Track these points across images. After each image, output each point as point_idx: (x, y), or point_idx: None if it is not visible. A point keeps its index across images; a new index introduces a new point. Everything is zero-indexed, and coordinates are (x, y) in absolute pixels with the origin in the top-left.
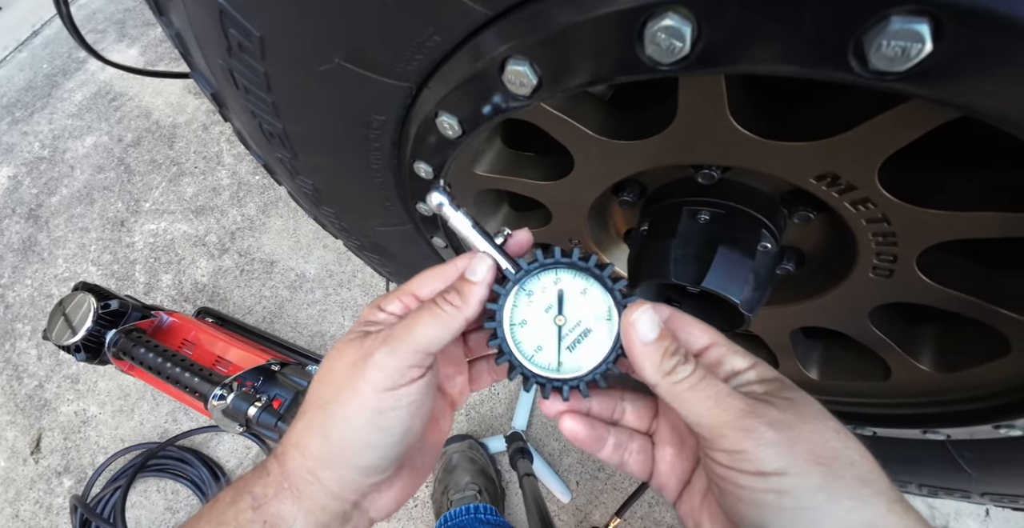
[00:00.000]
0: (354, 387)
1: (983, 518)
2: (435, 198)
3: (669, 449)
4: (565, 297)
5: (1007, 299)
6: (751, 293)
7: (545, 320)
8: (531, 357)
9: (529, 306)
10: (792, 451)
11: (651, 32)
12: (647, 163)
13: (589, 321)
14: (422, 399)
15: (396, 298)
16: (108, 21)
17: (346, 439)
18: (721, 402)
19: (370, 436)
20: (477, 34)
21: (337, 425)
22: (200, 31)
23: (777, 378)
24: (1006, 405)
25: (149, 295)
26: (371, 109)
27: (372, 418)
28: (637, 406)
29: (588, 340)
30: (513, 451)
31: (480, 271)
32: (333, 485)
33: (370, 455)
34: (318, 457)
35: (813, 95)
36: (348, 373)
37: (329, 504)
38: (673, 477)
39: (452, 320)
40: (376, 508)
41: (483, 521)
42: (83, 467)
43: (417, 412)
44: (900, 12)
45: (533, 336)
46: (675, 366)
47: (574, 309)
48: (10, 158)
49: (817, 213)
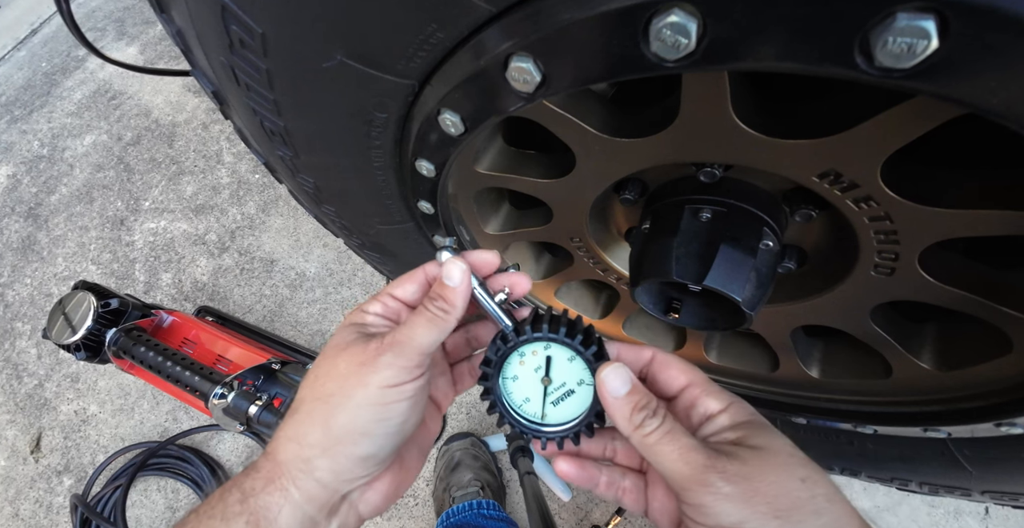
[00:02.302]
0: (363, 381)
1: (983, 516)
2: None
3: (660, 488)
4: (553, 362)
5: (1008, 297)
6: (753, 291)
7: (534, 378)
8: (519, 406)
9: (521, 366)
10: (749, 505)
11: (656, 29)
12: (649, 161)
13: (572, 384)
14: (420, 394)
15: (376, 300)
16: (107, 19)
17: (348, 428)
18: (684, 456)
19: (371, 426)
20: (480, 31)
21: (341, 415)
22: (201, 28)
23: (750, 421)
24: (1007, 403)
25: (149, 294)
26: (373, 107)
27: (376, 409)
28: (627, 446)
29: (571, 399)
30: (514, 450)
31: (456, 276)
32: (326, 475)
33: (368, 444)
34: (316, 446)
35: (815, 92)
36: (355, 370)
37: (318, 495)
38: (664, 515)
39: (444, 323)
40: (365, 503)
41: (486, 517)
42: (83, 466)
43: (415, 406)
44: (906, 9)
45: (522, 390)
46: (643, 419)
47: (559, 373)
48: (9, 157)
49: (819, 211)
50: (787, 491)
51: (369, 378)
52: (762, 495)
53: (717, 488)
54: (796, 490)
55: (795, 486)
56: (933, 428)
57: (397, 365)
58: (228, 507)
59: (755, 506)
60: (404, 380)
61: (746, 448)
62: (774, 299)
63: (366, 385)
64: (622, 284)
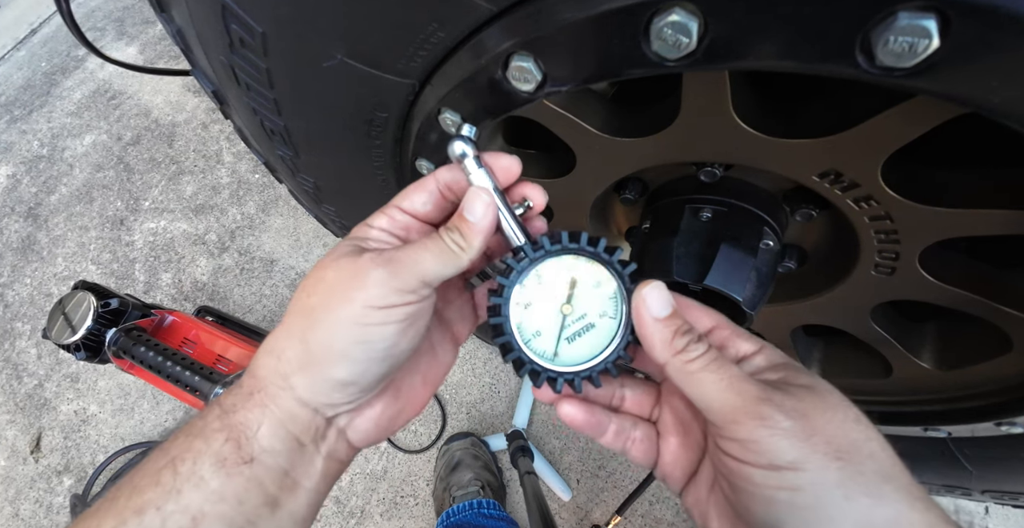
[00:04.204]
0: (346, 296)
1: (983, 516)
2: (458, 148)
3: (673, 439)
4: (577, 286)
5: (1009, 296)
6: (753, 291)
7: (551, 306)
8: (528, 341)
9: (538, 289)
10: (808, 443)
11: (657, 28)
12: (649, 161)
13: (594, 316)
14: (413, 320)
15: (382, 213)
16: (107, 19)
17: (325, 346)
18: (735, 386)
19: (350, 347)
20: (481, 30)
21: (319, 330)
22: (202, 27)
23: (788, 363)
24: (1007, 402)
25: (149, 294)
26: (373, 106)
27: (356, 329)
28: (636, 393)
29: (589, 335)
30: (514, 449)
31: (477, 210)
32: (304, 393)
33: (347, 367)
34: (293, 361)
35: (816, 92)
36: (343, 283)
37: (299, 414)
38: (678, 468)
39: (457, 259)
40: (355, 430)
41: (486, 516)
42: (83, 466)
43: (405, 331)
44: (908, 8)
45: (535, 320)
46: (687, 344)
47: (582, 300)
48: (9, 157)
49: (819, 211)
50: (845, 431)
51: (354, 294)
52: (821, 433)
53: (775, 422)
54: (852, 430)
55: (851, 426)
56: (933, 427)
57: (389, 285)
58: (208, 424)
59: (815, 445)
60: (394, 303)
61: (794, 386)
62: (774, 299)
63: (350, 301)
64: None
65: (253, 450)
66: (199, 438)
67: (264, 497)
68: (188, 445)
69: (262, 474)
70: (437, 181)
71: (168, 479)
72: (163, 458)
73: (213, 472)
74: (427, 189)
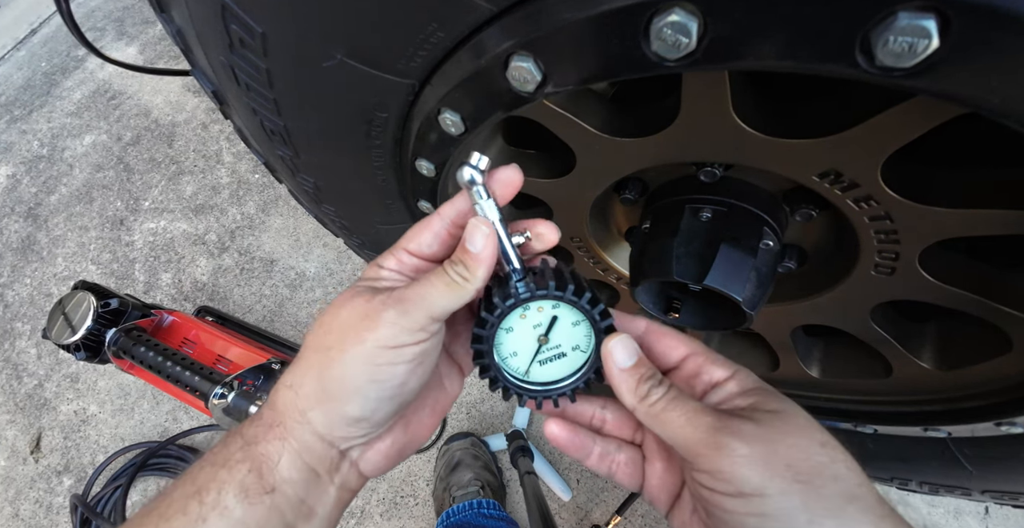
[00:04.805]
0: (360, 337)
1: (983, 516)
2: (467, 174)
3: (658, 463)
4: (557, 323)
5: (1009, 296)
6: (753, 291)
7: (530, 334)
8: (504, 359)
9: (521, 319)
10: (769, 468)
11: (657, 28)
12: (649, 161)
13: (567, 347)
14: (422, 358)
15: (391, 255)
16: (107, 19)
17: (340, 383)
18: (693, 420)
19: (363, 385)
20: (481, 30)
21: (334, 368)
22: (201, 27)
23: (759, 388)
24: (1007, 402)
25: (149, 294)
26: (373, 106)
27: (369, 368)
28: (618, 416)
29: (559, 361)
30: (514, 449)
31: (478, 242)
32: (320, 427)
33: (360, 404)
34: (310, 397)
35: (816, 92)
36: (356, 323)
37: (315, 446)
38: (663, 491)
39: (463, 291)
40: (367, 462)
41: (486, 516)
42: (83, 466)
43: (415, 370)
44: (907, 8)
45: (513, 343)
46: (649, 389)
47: (559, 335)
48: (9, 157)
49: (819, 211)
50: (808, 455)
51: (367, 334)
52: (782, 458)
53: (732, 450)
54: (816, 454)
55: (816, 450)
56: (933, 427)
57: (400, 325)
58: (231, 455)
59: (775, 470)
60: (405, 342)
61: (761, 411)
62: (774, 298)
63: (363, 341)
64: (622, 284)
65: (274, 480)
66: (224, 468)
67: (283, 525)
68: (213, 475)
69: (282, 503)
70: (441, 219)
71: (195, 508)
72: (190, 487)
73: (237, 501)
74: (432, 229)
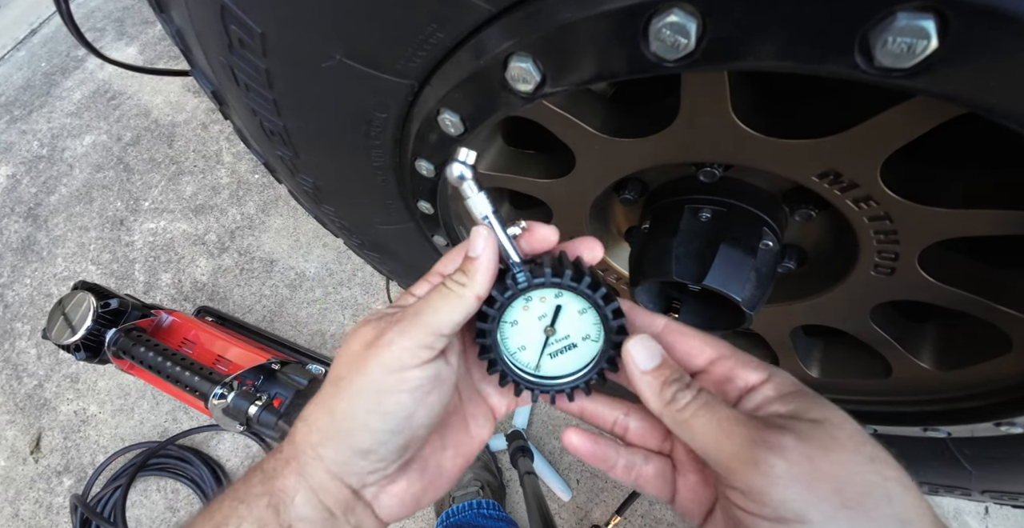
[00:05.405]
0: (364, 366)
1: (982, 516)
2: (457, 170)
3: (691, 476)
4: (562, 312)
5: (1008, 296)
6: (753, 291)
7: (535, 326)
8: (512, 353)
9: (524, 311)
10: (813, 491)
11: (656, 28)
12: (649, 161)
13: (576, 338)
14: (430, 386)
15: (424, 281)
16: (107, 19)
17: (347, 417)
18: (726, 429)
19: (369, 418)
20: (480, 31)
21: (342, 402)
22: (201, 28)
23: (799, 391)
24: (1007, 402)
25: (149, 294)
26: (373, 106)
27: (374, 399)
28: (643, 425)
29: (570, 353)
30: (514, 449)
31: (478, 246)
32: (332, 464)
33: (367, 438)
34: (322, 432)
35: (815, 92)
36: (361, 352)
37: (329, 484)
38: (696, 504)
39: (461, 299)
40: (381, 506)
41: (486, 516)
42: (83, 466)
43: (423, 400)
44: (906, 8)
45: (519, 336)
46: (675, 393)
47: (566, 324)
48: (9, 157)
49: (819, 211)
50: (856, 472)
51: (371, 361)
52: (827, 477)
53: (770, 467)
54: (865, 471)
55: (864, 467)
56: (933, 428)
57: (400, 344)
58: (250, 488)
59: (820, 493)
60: (408, 364)
61: (802, 421)
62: (774, 299)
63: (367, 370)
64: (622, 284)
65: (291, 517)
66: (243, 503)
67: None
68: (233, 510)
69: None
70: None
71: None
72: (209, 522)
73: None
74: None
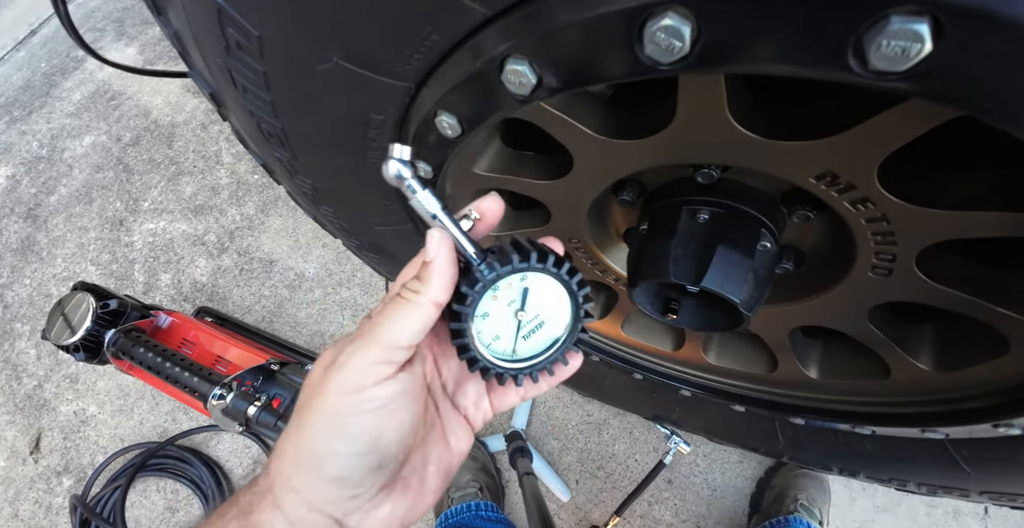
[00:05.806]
0: (322, 390)
1: (982, 516)
2: (393, 168)
3: None
4: (529, 294)
5: (1006, 298)
6: (750, 292)
7: (507, 313)
8: (488, 345)
9: (493, 300)
10: None
11: (650, 32)
12: (646, 162)
13: (545, 315)
14: (396, 404)
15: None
16: (106, 20)
17: (311, 445)
18: None
19: (332, 443)
20: (476, 33)
21: (305, 430)
22: (198, 30)
23: None
24: (1005, 404)
25: (148, 294)
26: (370, 108)
27: (333, 423)
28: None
29: (541, 330)
30: (513, 450)
31: (432, 249)
32: (308, 495)
33: (334, 464)
34: (291, 462)
35: (812, 94)
36: (320, 376)
37: (308, 517)
38: None
39: (417, 307)
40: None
41: (484, 518)
42: (83, 467)
43: (388, 419)
44: (900, 12)
45: (492, 327)
46: None
47: (534, 304)
48: (8, 157)
49: (816, 212)
50: None
51: (326, 386)
52: None
53: None
54: None
55: None
56: (931, 429)
57: (354, 365)
58: (227, 524)
59: None
60: (364, 384)
61: None
62: (772, 300)
63: (324, 394)
64: (620, 285)
65: None
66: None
67: None
68: None
69: None
70: None
71: None
72: None
73: None
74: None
